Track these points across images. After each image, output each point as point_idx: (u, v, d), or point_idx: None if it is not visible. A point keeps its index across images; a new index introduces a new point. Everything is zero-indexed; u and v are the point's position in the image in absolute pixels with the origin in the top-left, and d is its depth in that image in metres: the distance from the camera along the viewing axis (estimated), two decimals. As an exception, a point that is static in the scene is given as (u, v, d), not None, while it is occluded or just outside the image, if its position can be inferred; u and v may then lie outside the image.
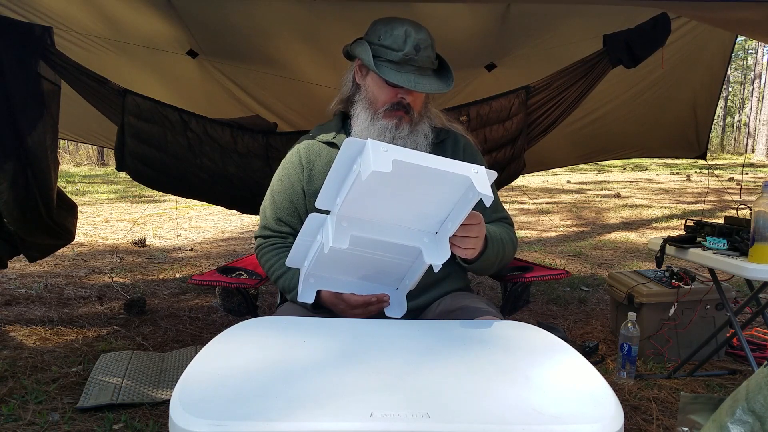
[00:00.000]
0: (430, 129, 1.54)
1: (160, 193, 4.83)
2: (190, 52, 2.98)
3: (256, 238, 1.60)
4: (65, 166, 15.07)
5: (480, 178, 1.07)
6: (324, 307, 1.41)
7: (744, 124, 32.98)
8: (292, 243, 1.49)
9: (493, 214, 1.56)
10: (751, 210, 1.87)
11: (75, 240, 2.89)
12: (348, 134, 1.53)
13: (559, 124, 2.85)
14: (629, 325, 2.36)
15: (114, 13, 2.64)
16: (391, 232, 1.18)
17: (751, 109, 27.81)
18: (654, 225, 6.61)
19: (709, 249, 2.05)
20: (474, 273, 1.57)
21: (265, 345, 1.05)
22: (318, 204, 1.17)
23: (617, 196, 9.45)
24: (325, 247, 1.13)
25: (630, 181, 12.14)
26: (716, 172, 12.85)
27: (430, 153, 1.50)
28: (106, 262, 4.57)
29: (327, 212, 1.19)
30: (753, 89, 28.92)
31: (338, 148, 1.51)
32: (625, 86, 3.26)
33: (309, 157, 1.55)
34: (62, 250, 3.39)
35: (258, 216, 1.66)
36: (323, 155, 1.54)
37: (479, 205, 1.57)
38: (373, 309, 1.34)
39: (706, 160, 3.82)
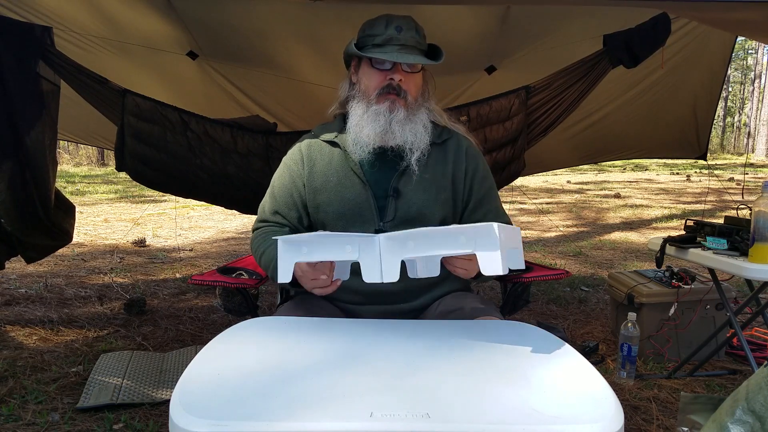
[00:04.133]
0: (430, 121, 1.53)
1: (160, 193, 4.82)
2: (190, 54, 2.98)
3: (253, 231, 1.59)
4: (65, 166, 15.07)
5: (489, 258, 0.97)
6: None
7: (744, 124, 32.98)
8: (287, 232, 1.48)
9: (498, 219, 1.55)
10: (751, 210, 1.87)
11: (75, 240, 2.90)
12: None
13: (559, 124, 2.85)
14: (629, 325, 2.36)
15: (114, 13, 2.64)
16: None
17: (751, 109, 27.82)
18: (654, 225, 6.61)
19: (709, 249, 2.05)
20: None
21: (265, 345, 1.05)
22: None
23: (617, 196, 9.45)
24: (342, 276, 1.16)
25: (630, 181, 12.14)
26: (716, 172, 12.85)
27: (431, 152, 1.49)
28: (106, 262, 4.57)
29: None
30: (753, 89, 28.94)
31: (340, 148, 1.52)
32: (625, 87, 3.26)
33: (311, 154, 1.55)
34: (62, 251, 3.39)
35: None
36: (324, 153, 1.54)
37: (479, 212, 1.56)
38: (322, 285, 1.27)
39: (706, 160, 3.82)
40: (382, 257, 1.04)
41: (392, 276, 1.07)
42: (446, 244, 1.02)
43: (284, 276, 1.10)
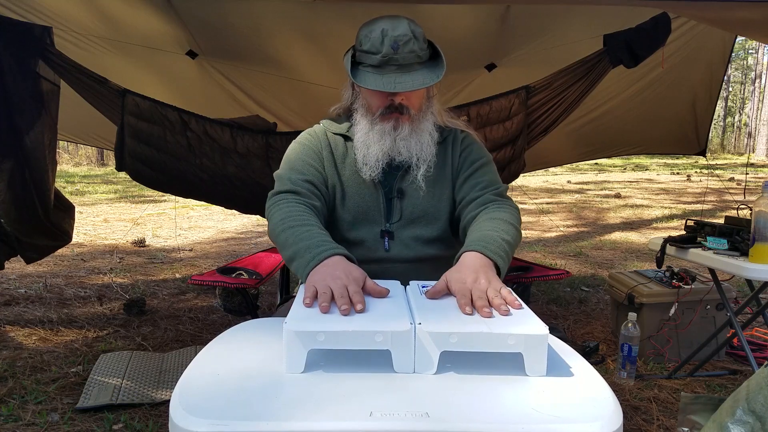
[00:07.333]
0: (435, 127, 1.51)
1: (160, 193, 4.83)
2: (189, 53, 2.98)
3: (271, 196, 1.43)
4: (65, 166, 15.08)
5: (533, 355, 0.93)
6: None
7: (744, 124, 32.98)
8: (312, 204, 1.38)
9: (488, 188, 1.48)
10: (751, 210, 1.87)
11: (74, 240, 2.90)
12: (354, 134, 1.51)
13: (560, 124, 2.85)
14: (630, 325, 2.35)
15: (113, 13, 2.64)
16: None
17: (751, 109, 27.85)
18: (654, 225, 6.61)
19: (709, 249, 2.05)
20: None
21: (265, 345, 1.05)
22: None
23: (617, 196, 9.45)
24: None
25: (630, 181, 12.14)
26: (716, 172, 12.85)
27: (435, 153, 1.49)
28: (105, 262, 4.57)
29: None
30: (753, 89, 28.97)
31: (351, 140, 1.51)
32: (625, 85, 3.26)
33: (327, 140, 1.52)
34: (62, 251, 3.39)
35: (257, 216, 1.63)
36: (338, 145, 1.52)
37: (470, 182, 1.50)
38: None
39: (705, 156, 3.83)
40: (416, 350, 0.95)
41: (428, 368, 0.96)
42: (491, 344, 0.95)
43: (295, 367, 0.94)
